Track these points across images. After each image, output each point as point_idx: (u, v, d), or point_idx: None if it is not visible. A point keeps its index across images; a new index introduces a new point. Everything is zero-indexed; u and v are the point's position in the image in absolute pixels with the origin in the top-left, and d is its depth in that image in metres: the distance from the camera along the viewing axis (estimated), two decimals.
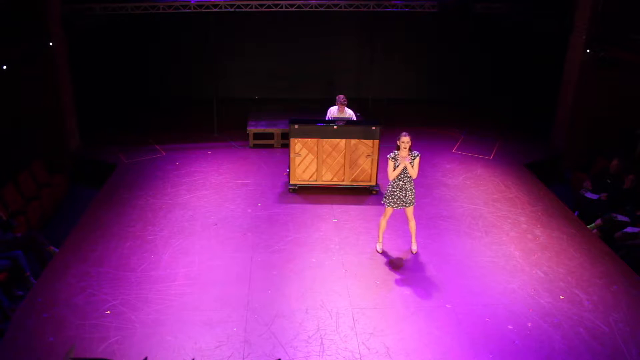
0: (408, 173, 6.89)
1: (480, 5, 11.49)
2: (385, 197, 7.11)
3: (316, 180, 9.14)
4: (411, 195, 7.05)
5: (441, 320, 6.14)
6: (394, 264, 7.18)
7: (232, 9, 10.68)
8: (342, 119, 9.01)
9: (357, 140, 8.85)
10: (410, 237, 7.47)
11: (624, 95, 10.30)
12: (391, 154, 6.94)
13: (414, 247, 7.45)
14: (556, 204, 8.93)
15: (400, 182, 6.95)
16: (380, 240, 7.48)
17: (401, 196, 7.01)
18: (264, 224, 8.13)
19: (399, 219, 7.82)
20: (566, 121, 10.96)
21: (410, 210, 7.18)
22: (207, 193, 9.07)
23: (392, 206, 7.08)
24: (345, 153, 8.93)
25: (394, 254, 7.41)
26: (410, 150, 6.87)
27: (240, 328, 5.94)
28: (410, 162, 6.86)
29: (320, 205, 8.68)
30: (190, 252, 7.36)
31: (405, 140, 6.81)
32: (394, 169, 6.89)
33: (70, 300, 6.34)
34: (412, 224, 7.34)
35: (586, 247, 7.65)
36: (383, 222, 7.35)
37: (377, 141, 8.87)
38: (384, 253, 7.40)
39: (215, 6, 10.59)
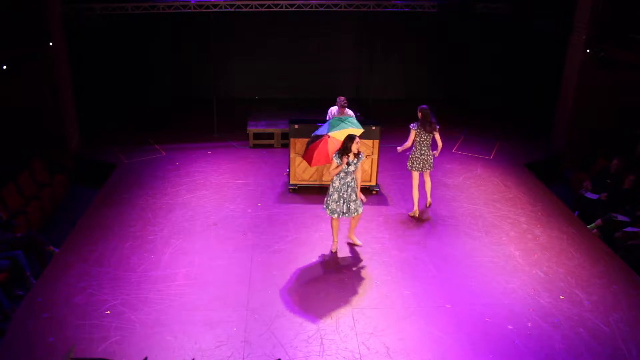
0: (426, 142, 8.02)
1: (480, 5, 11.50)
2: (410, 163, 8.18)
3: (316, 180, 9.14)
4: (431, 159, 8.17)
5: (441, 320, 6.14)
6: (394, 264, 7.17)
7: (232, 9, 10.69)
8: None
9: None
10: (426, 195, 8.53)
11: (624, 95, 10.29)
12: (413, 124, 8.05)
13: (429, 200, 8.56)
14: (556, 204, 8.93)
15: (421, 151, 8.08)
16: (416, 206, 8.33)
17: (423, 160, 8.11)
18: (264, 224, 8.13)
19: (397, 219, 7.81)
20: (566, 121, 10.95)
21: (428, 172, 8.33)
22: (207, 193, 9.07)
23: (418, 169, 8.16)
24: None
25: (394, 253, 7.40)
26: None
27: (240, 328, 5.94)
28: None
29: (320, 205, 8.61)
30: (190, 252, 7.36)
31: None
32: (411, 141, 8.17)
33: (70, 300, 6.34)
34: (429, 184, 8.47)
35: (586, 247, 7.65)
36: (415, 190, 8.30)
37: (377, 141, 8.87)
38: (383, 253, 7.40)
39: (215, 6, 10.60)
